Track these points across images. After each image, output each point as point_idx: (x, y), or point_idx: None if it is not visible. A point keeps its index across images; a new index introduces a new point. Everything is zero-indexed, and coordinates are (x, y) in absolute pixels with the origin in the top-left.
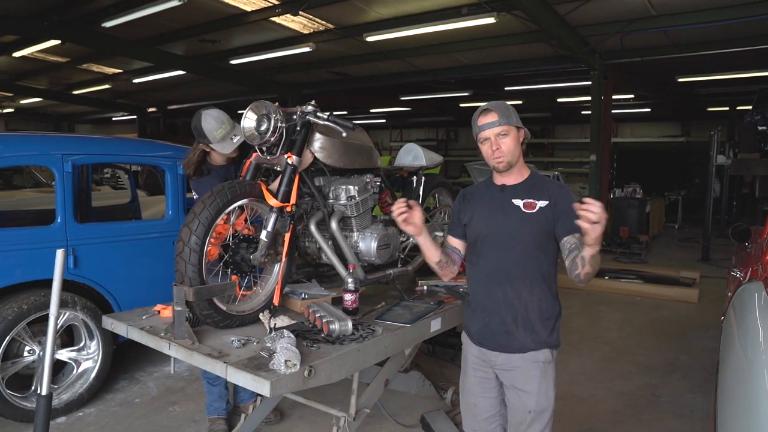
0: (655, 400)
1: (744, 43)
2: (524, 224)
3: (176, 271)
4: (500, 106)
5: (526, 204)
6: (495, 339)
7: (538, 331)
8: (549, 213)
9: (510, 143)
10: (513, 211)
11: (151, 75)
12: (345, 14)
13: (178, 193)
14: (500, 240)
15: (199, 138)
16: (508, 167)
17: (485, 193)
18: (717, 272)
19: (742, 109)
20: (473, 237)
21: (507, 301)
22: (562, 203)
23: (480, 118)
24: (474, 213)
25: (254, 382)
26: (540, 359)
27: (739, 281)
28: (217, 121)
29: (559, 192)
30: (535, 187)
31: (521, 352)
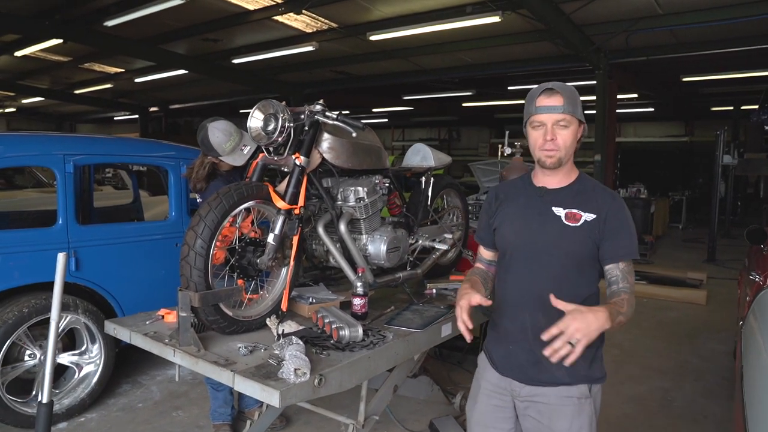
0: (667, 405)
1: (748, 42)
2: (564, 239)
3: (181, 276)
4: (567, 89)
5: (568, 215)
6: (521, 370)
7: (575, 363)
8: (595, 229)
9: (568, 137)
10: (552, 221)
11: (152, 74)
12: (348, 13)
13: (182, 194)
14: (533, 255)
15: (207, 152)
16: (557, 164)
17: (521, 193)
18: (724, 273)
19: (746, 109)
20: (502, 246)
21: (536, 329)
22: (613, 221)
23: (540, 97)
24: (505, 217)
25: (263, 392)
26: (574, 394)
27: (758, 286)
28: (224, 133)
29: (611, 205)
30: (583, 195)
31: (552, 385)
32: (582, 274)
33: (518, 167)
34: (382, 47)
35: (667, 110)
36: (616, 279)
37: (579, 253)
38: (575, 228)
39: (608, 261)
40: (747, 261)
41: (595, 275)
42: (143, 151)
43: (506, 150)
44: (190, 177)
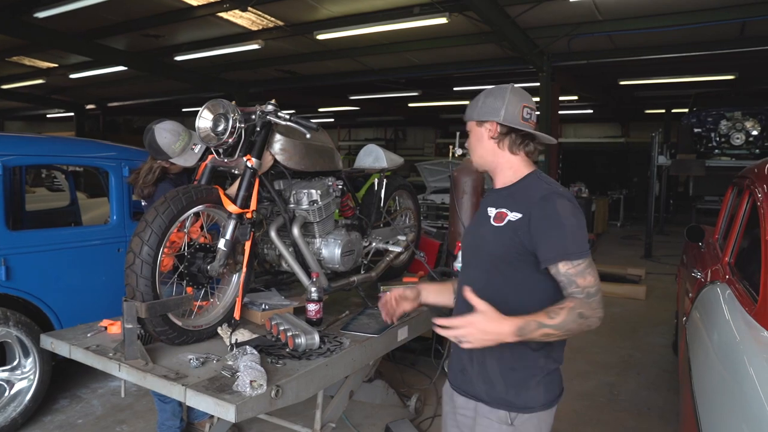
0: (613, 399)
1: (679, 50)
2: (488, 240)
3: (126, 285)
4: (476, 98)
5: (497, 215)
6: (454, 376)
7: (493, 382)
8: (520, 230)
9: (471, 143)
10: (484, 222)
11: (89, 70)
12: (295, 11)
13: (123, 197)
14: (468, 257)
15: (156, 156)
16: (480, 170)
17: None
18: (660, 269)
19: (676, 112)
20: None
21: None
22: (539, 220)
23: None
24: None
25: (217, 407)
26: (493, 417)
27: (700, 282)
28: (172, 134)
29: (538, 204)
30: (518, 193)
31: (475, 400)
32: (508, 282)
33: (469, 168)
34: (329, 46)
35: (605, 112)
36: (564, 284)
37: (500, 255)
38: (499, 228)
39: (544, 263)
40: (684, 258)
41: (527, 286)
42: (81, 152)
43: (457, 151)
44: (136, 183)
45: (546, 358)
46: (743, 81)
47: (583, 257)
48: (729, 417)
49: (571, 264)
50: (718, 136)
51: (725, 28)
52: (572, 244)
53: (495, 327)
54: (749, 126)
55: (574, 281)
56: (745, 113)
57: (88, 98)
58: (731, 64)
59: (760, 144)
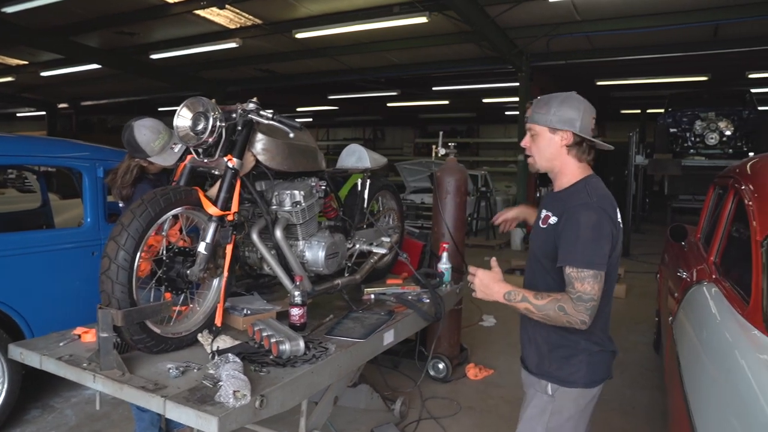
0: (599, 399)
1: (656, 51)
2: (537, 239)
3: (101, 292)
4: (541, 100)
5: (544, 217)
6: (522, 353)
7: (543, 355)
8: (555, 232)
9: (537, 147)
10: (538, 221)
11: (61, 68)
12: (274, 9)
13: (98, 198)
14: (530, 249)
15: (135, 153)
16: (535, 170)
17: None
18: (638, 267)
19: (651, 112)
20: None
21: (525, 318)
22: (563, 225)
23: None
24: None
25: (199, 419)
26: (538, 388)
27: (686, 282)
28: (152, 131)
29: (572, 211)
30: (565, 198)
31: (527, 371)
32: (551, 275)
33: (453, 168)
34: (308, 45)
35: None
36: (566, 283)
37: (545, 253)
38: (544, 230)
39: (557, 263)
40: (666, 257)
41: (561, 275)
42: (53, 152)
43: (440, 151)
44: (114, 184)
45: (586, 340)
46: (716, 82)
47: (589, 267)
48: (724, 417)
49: (575, 270)
50: (693, 136)
51: (698, 30)
52: (580, 254)
53: (492, 284)
54: (723, 126)
55: (572, 283)
56: (719, 114)
57: (60, 97)
58: (704, 65)
59: (734, 144)
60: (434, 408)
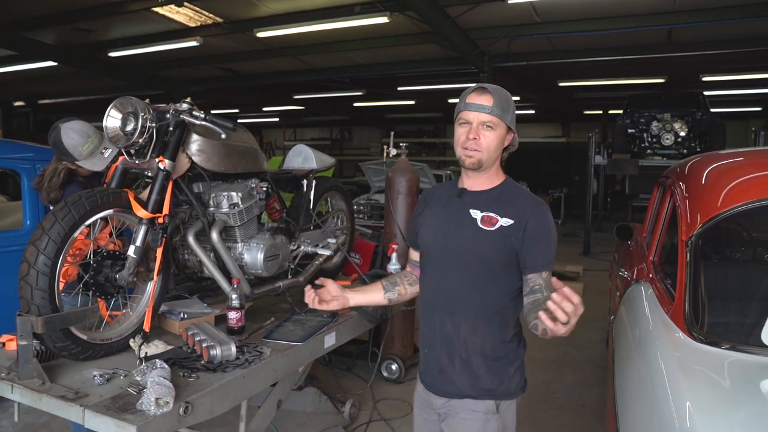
0: (549, 397)
1: (615, 53)
2: (477, 243)
3: (20, 299)
4: (501, 92)
5: (484, 218)
6: (431, 376)
7: (478, 375)
8: (512, 236)
9: (493, 140)
10: (467, 223)
11: (15, 65)
12: (234, 8)
13: (38, 200)
14: (444, 258)
15: (62, 156)
16: (476, 166)
17: (444, 195)
18: (597, 265)
19: (612, 113)
20: (421, 248)
21: (444, 335)
22: (535, 230)
23: (472, 95)
24: (425, 219)
25: (117, 428)
26: (480, 409)
27: (627, 281)
28: (81, 135)
29: (533, 213)
30: (504, 199)
31: (458, 397)
32: (494, 282)
33: (404, 168)
34: (271, 44)
35: (547, 112)
36: (540, 288)
37: (491, 259)
38: (489, 232)
39: (530, 270)
40: (616, 255)
41: (510, 286)
42: None
43: (392, 151)
44: (41, 187)
45: (518, 344)
46: (673, 84)
47: (552, 268)
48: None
49: (550, 272)
50: (650, 136)
51: (653, 33)
52: (553, 255)
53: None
54: (678, 127)
55: (550, 286)
56: (674, 115)
57: (15, 94)
58: (661, 67)
59: (688, 144)
60: (386, 409)
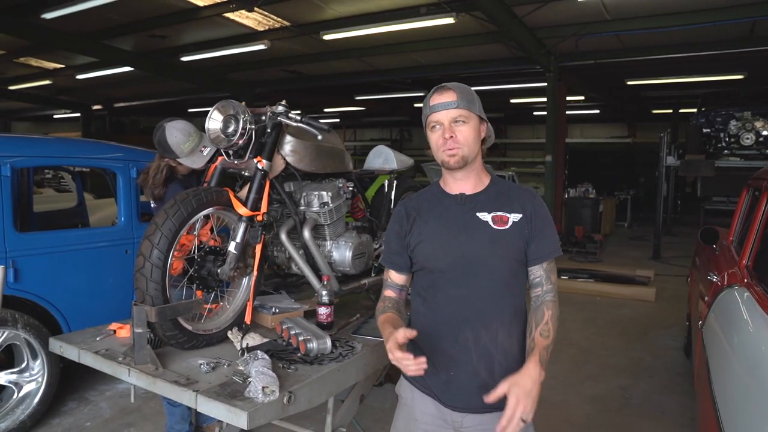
0: (625, 403)
1: (687, 50)
2: (496, 246)
3: (136, 289)
4: (461, 87)
5: (495, 218)
6: (464, 397)
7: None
8: (524, 230)
9: (469, 133)
10: (479, 228)
11: (96, 71)
12: (301, 11)
13: (131, 198)
14: (466, 268)
15: (165, 154)
16: (462, 163)
17: (436, 205)
18: (669, 270)
19: (683, 112)
20: (427, 265)
21: (480, 348)
22: (538, 219)
23: (433, 96)
24: (423, 233)
25: (229, 413)
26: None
27: (717, 286)
28: (183, 133)
29: (533, 203)
30: (502, 195)
31: (499, 410)
32: (517, 280)
33: None
34: (335, 47)
35: (612, 112)
36: (540, 280)
37: (513, 257)
38: (505, 231)
39: (535, 261)
40: (697, 260)
41: (524, 280)
42: (88, 153)
43: None
44: (145, 184)
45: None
46: (752, 80)
47: (560, 252)
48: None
49: (552, 263)
50: (728, 136)
51: (734, 27)
52: (558, 240)
53: (533, 383)
54: (759, 126)
55: (549, 278)
56: (755, 113)
57: (94, 99)
58: (740, 63)
59: None
60: None
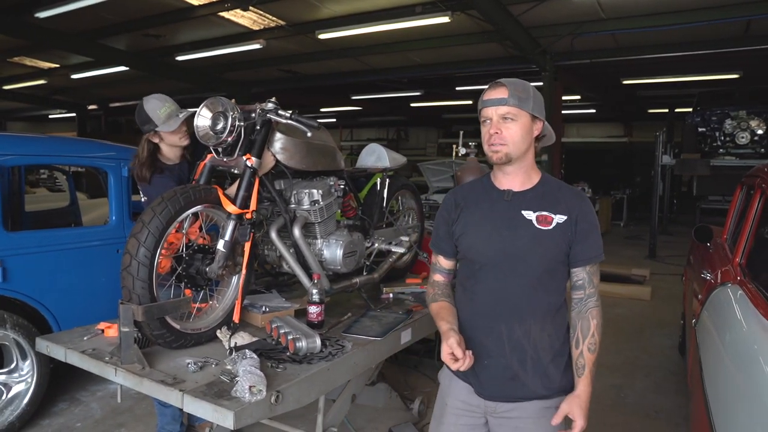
0: (620, 402)
1: (684, 48)
2: (538, 244)
3: (123, 288)
4: (516, 83)
5: (539, 218)
6: (497, 386)
7: (550, 375)
8: (568, 231)
9: (516, 131)
10: (523, 226)
11: (91, 70)
12: (297, 10)
13: (122, 197)
14: (506, 263)
15: (143, 125)
16: (504, 160)
17: (484, 197)
18: (664, 269)
19: (679, 111)
20: (469, 255)
21: (513, 341)
22: (584, 222)
23: (487, 92)
24: (470, 224)
25: (215, 413)
26: (552, 405)
27: (710, 284)
28: (159, 100)
29: (580, 206)
30: (550, 196)
31: (530, 399)
32: (554, 279)
33: (473, 167)
34: (331, 46)
35: (608, 111)
36: (583, 283)
37: (553, 257)
38: (548, 231)
39: (578, 264)
40: (691, 258)
41: (564, 280)
42: (80, 152)
43: (461, 150)
44: (134, 165)
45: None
46: (747, 80)
47: (603, 258)
48: (744, 421)
49: (595, 266)
50: (723, 135)
51: (729, 26)
52: (602, 245)
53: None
54: (754, 125)
55: (592, 281)
56: (750, 112)
57: (90, 98)
58: (736, 62)
59: (766, 143)
60: None
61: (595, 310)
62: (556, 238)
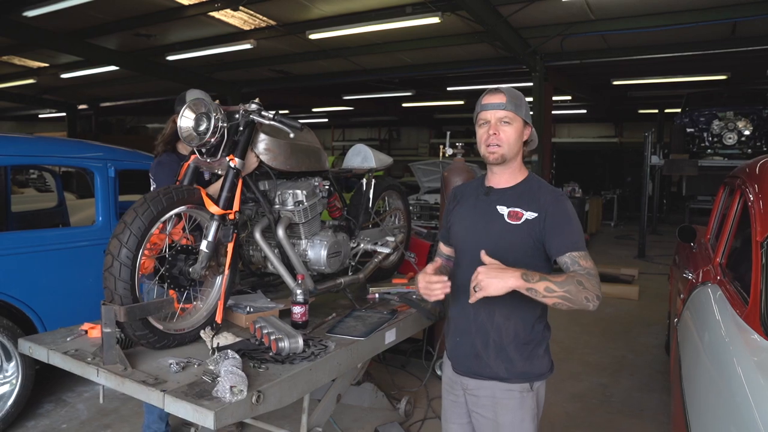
0: (606, 401)
1: (673, 50)
2: (505, 237)
3: (105, 289)
4: (512, 91)
5: (511, 213)
6: (464, 361)
7: (512, 359)
8: (536, 228)
9: (512, 134)
10: (496, 220)
11: (81, 70)
12: (287, 11)
13: (109, 197)
14: (476, 252)
15: (175, 107)
16: (500, 161)
17: (473, 194)
18: (653, 269)
19: (669, 112)
20: (455, 243)
21: (478, 323)
22: (553, 217)
23: (486, 97)
24: (457, 216)
25: (196, 413)
26: (515, 389)
27: (692, 283)
28: (199, 95)
29: (554, 203)
30: (528, 194)
31: (492, 380)
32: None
33: (460, 168)
34: (322, 46)
35: (599, 112)
36: (566, 266)
37: (519, 250)
38: (516, 226)
39: (557, 254)
40: (677, 258)
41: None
42: (67, 152)
43: (448, 151)
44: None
45: (545, 326)
46: (735, 81)
47: (585, 249)
48: (717, 419)
49: (578, 252)
50: (711, 135)
51: (716, 28)
52: (579, 238)
53: (501, 271)
54: (741, 126)
55: (577, 262)
56: (737, 113)
57: (80, 98)
58: (723, 64)
59: (753, 143)
60: (440, 408)
61: (576, 272)
62: (523, 233)
